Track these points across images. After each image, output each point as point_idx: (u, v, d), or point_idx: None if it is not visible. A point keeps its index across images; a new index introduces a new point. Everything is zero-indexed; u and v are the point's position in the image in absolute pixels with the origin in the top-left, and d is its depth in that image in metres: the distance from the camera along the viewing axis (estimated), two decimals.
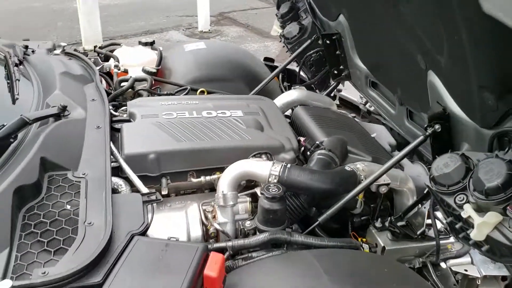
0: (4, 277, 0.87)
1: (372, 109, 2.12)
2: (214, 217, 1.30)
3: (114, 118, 1.51)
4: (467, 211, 0.99)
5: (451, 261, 1.36)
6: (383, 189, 1.35)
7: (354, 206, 1.37)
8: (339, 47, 1.92)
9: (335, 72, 1.98)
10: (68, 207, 1.07)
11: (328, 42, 1.90)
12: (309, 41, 2.01)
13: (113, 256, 0.96)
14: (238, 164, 1.31)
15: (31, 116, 1.23)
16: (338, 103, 2.24)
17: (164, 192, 1.37)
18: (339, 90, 2.24)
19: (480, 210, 0.99)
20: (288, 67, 2.25)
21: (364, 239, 1.43)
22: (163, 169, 1.34)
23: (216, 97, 1.78)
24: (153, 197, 1.16)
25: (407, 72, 1.41)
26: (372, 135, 1.77)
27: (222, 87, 1.97)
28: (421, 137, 1.24)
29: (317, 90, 2.22)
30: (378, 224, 1.39)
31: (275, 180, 1.25)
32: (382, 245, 1.36)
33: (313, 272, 1.01)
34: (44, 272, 0.90)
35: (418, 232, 1.37)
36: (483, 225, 0.97)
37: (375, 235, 1.39)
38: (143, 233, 1.04)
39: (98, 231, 1.00)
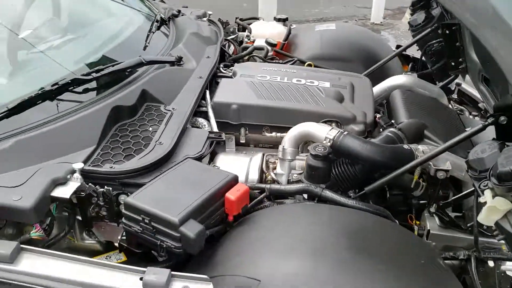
0: (85, 163, 1.18)
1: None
2: (274, 168, 1.47)
3: (219, 74, 1.76)
4: (486, 196, 0.99)
5: (507, 265, 1.30)
6: (441, 174, 1.35)
7: (409, 186, 1.39)
8: (460, 38, 1.87)
9: (452, 64, 1.93)
10: (150, 129, 1.36)
11: (447, 32, 1.87)
12: (429, 29, 1.99)
13: (165, 168, 1.21)
14: (301, 124, 1.44)
15: (147, 58, 1.55)
16: (455, 96, 2.16)
17: (242, 141, 1.58)
18: (459, 84, 2.15)
19: (497, 196, 0.98)
20: (415, 55, 2.25)
21: (418, 222, 1.45)
22: (242, 120, 1.55)
23: (314, 69, 1.92)
24: (218, 137, 1.39)
25: None
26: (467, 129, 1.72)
27: (341, 67, 2.07)
28: (480, 126, 1.22)
29: (437, 82, 2.17)
30: (432, 209, 1.40)
31: (329, 144, 1.36)
32: (428, 228, 1.37)
33: (319, 223, 1.12)
34: (111, 167, 1.19)
35: (468, 225, 1.35)
36: (491, 209, 0.96)
37: (426, 219, 1.40)
38: (198, 159, 1.27)
39: (163, 149, 1.26)
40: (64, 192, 1.09)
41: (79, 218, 1.18)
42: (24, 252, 1.04)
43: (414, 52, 2.28)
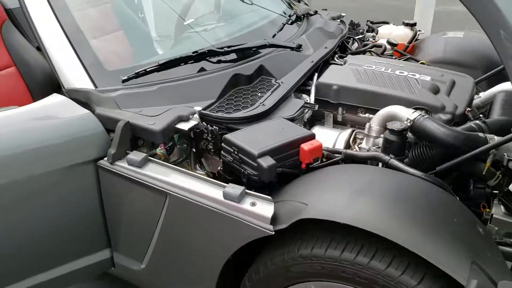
0: (203, 110, 1.55)
1: None
2: (360, 143, 1.68)
3: (331, 62, 2.02)
4: None
5: None
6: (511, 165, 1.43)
7: (480, 173, 1.49)
8: None
9: None
10: (259, 94, 1.69)
11: None
12: None
13: (260, 121, 1.53)
14: (390, 107, 1.63)
15: (270, 42, 1.89)
16: None
17: (339, 119, 1.82)
18: None
19: None
20: None
21: (488, 210, 1.53)
22: (340, 100, 1.79)
23: (422, 65, 2.05)
24: (311, 106, 1.66)
25: None
26: None
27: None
28: None
29: None
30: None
31: (409, 124, 1.53)
32: (492, 212, 1.46)
33: (375, 178, 1.32)
34: (221, 114, 1.55)
35: None
36: None
37: (493, 206, 1.49)
38: (290, 120, 1.56)
39: (264, 108, 1.58)
40: (185, 126, 1.47)
41: (194, 150, 1.56)
42: (150, 162, 1.45)
43: None
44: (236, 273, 1.45)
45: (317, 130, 1.72)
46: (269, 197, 1.28)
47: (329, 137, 1.67)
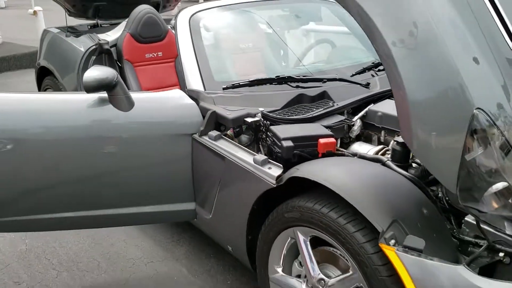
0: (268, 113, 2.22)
1: None
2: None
3: (392, 97, 2.50)
4: None
5: None
6: None
7: None
8: None
9: None
10: (314, 109, 2.28)
11: None
12: None
13: None
14: None
15: (340, 77, 2.48)
16: None
17: (382, 140, 2.29)
18: None
19: None
20: None
21: None
22: (382, 124, 2.26)
23: None
24: (348, 121, 2.19)
25: None
26: None
27: None
28: None
29: None
30: None
31: None
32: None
33: (365, 167, 1.80)
34: (276, 115, 2.18)
35: None
36: None
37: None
38: (326, 127, 2.11)
39: (309, 115, 2.17)
40: (249, 119, 2.15)
41: (254, 138, 2.22)
42: (221, 138, 2.16)
43: None
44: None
45: (358, 143, 2.22)
46: (281, 165, 1.86)
47: (363, 148, 2.16)
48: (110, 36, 3.42)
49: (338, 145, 2.18)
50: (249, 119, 2.15)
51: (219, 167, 2.13)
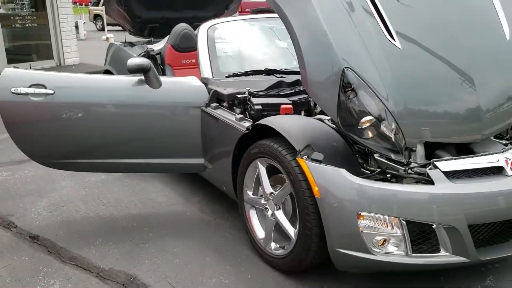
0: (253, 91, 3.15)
1: None
2: None
3: None
4: None
5: None
6: None
7: None
8: None
9: None
10: (287, 90, 3.17)
11: None
12: None
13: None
14: None
15: None
16: None
17: None
18: None
19: None
20: None
21: None
22: None
23: None
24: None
25: None
26: None
27: None
28: None
29: None
30: None
31: None
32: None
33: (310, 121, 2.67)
34: (257, 91, 3.09)
35: None
36: None
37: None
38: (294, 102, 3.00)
39: (282, 92, 3.07)
40: (240, 95, 3.08)
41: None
42: (218, 108, 3.10)
43: None
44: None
45: (320, 115, 3.08)
46: (251, 119, 2.77)
47: (322, 117, 3.02)
48: (157, 47, 4.51)
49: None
50: (239, 95, 3.08)
51: (215, 127, 3.07)
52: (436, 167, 2.30)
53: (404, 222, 2.20)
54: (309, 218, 2.35)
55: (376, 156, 2.49)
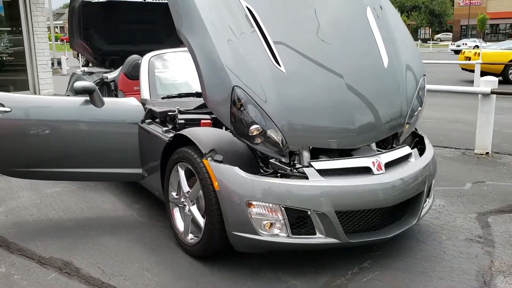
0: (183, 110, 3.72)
1: None
2: None
3: None
4: None
5: None
6: None
7: None
8: None
9: None
10: None
11: None
12: None
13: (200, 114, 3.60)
14: None
15: None
16: None
17: None
18: None
19: None
20: None
21: None
22: None
23: None
24: None
25: None
26: None
27: None
28: None
29: None
30: None
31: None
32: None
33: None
34: (186, 110, 3.66)
35: None
36: None
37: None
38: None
39: (202, 110, 3.65)
40: (170, 112, 3.64)
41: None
42: (152, 123, 3.66)
43: None
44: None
45: None
46: (173, 131, 3.33)
47: None
48: (111, 75, 5.09)
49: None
50: (170, 113, 3.64)
51: (148, 140, 3.62)
52: (311, 166, 2.86)
53: (283, 209, 2.74)
54: (212, 208, 2.88)
55: (271, 160, 3.04)
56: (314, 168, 2.85)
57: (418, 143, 3.67)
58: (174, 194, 3.37)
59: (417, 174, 3.12)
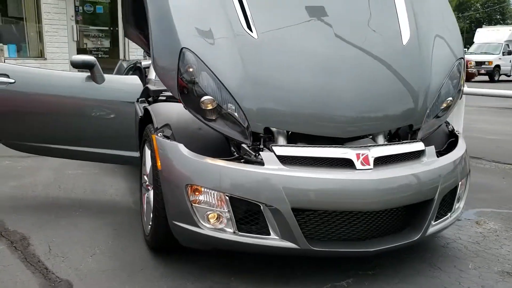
0: None
1: None
2: None
3: None
4: None
5: None
6: None
7: None
8: None
9: None
10: None
11: None
12: None
13: None
14: None
15: None
16: None
17: None
18: None
19: None
20: None
21: None
22: None
23: None
24: None
25: None
26: None
27: None
28: None
29: None
30: None
31: None
32: None
33: None
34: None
35: None
36: None
37: None
38: None
39: None
40: (164, 92, 3.34)
41: None
42: (143, 102, 3.38)
43: None
44: None
45: None
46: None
47: None
48: (147, 62, 4.95)
49: None
50: (164, 92, 3.33)
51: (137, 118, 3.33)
52: (272, 150, 2.32)
53: (227, 198, 2.24)
54: (157, 192, 2.48)
55: (243, 145, 2.53)
56: (275, 154, 2.31)
57: (453, 144, 2.89)
58: (145, 177, 3.04)
59: (422, 176, 2.40)
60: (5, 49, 8.81)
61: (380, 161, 2.38)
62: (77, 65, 3.47)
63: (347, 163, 2.33)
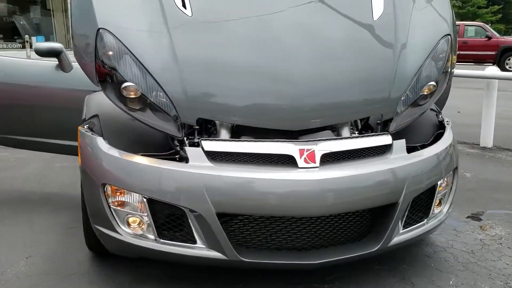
0: None
1: None
2: None
3: None
4: None
5: None
6: None
7: None
8: None
9: None
10: None
11: None
12: None
13: None
14: None
15: None
16: None
17: None
18: None
19: None
20: None
21: None
22: None
23: None
24: None
25: None
26: None
27: None
28: None
29: None
30: None
31: None
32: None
33: None
34: None
35: None
36: None
37: None
38: None
39: None
40: None
41: None
42: None
43: None
44: None
45: None
46: None
47: None
48: None
49: None
50: None
51: None
52: (200, 145, 2.00)
53: (145, 200, 1.95)
54: (81, 192, 2.24)
55: (175, 140, 2.23)
56: (203, 149, 1.98)
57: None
58: None
59: (381, 176, 2.01)
60: (34, 41, 8.92)
61: (331, 158, 2.01)
62: (41, 53, 3.28)
63: (289, 161, 1.97)
